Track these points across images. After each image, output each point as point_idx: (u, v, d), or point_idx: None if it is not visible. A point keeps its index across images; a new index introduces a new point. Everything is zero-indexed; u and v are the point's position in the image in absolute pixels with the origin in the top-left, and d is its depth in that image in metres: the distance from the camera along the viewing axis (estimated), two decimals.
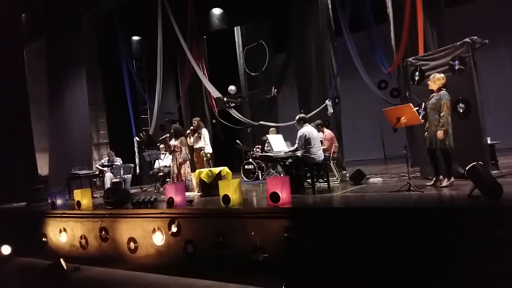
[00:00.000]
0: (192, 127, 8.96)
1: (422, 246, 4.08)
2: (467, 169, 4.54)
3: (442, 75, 5.78)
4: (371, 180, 7.29)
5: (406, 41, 8.22)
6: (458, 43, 6.17)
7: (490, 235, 3.78)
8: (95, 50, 13.62)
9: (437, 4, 8.15)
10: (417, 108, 5.76)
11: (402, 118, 5.58)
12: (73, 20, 11.58)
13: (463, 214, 4.06)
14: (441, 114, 5.53)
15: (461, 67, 6.11)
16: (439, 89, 5.68)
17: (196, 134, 8.84)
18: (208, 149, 8.94)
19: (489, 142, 6.38)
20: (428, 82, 5.87)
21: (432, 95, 5.78)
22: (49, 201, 8.76)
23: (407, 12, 8.05)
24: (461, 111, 6.13)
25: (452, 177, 5.65)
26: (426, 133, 5.84)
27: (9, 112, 11.26)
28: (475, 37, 6.09)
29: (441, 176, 5.78)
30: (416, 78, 6.71)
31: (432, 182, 5.85)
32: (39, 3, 11.79)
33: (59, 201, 8.14)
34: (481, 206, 4.16)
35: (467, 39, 6.07)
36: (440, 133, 5.51)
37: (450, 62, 6.23)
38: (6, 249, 7.94)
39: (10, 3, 11.54)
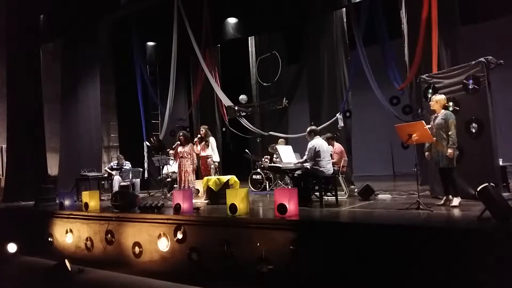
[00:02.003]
0: (199, 135, 8.99)
1: (429, 265, 4.03)
2: (478, 190, 4.49)
3: (443, 96, 5.83)
4: (380, 196, 7.24)
5: (420, 58, 8.20)
6: (473, 62, 6.16)
7: (500, 258, 3.72)
8: (109, 53, 13.78)
9: (452, 22, 8.13)
10: (429, 126, 5.74)
11: (413, 135, 5.55)
12: (90, 23, 11.73)
13: (473, 236, 4.01)
14: (450, 133, 5.54)
15: (475, 86, 6.08)
16: (444, 108, 5.70)
17: (203, 142, 8.86)
18: (216, 158, 8.93)
19: (501, 163, 6.31)
20: (430, 103, 5.90)
21: (435, 116, 5.79)
22: (57, 201, 8.80)
23: (422, 29, 8.05)
24: (473, 131, 6.09)
25: (459, 198, 5.60)
26: (427, 153, 5.84)
27: (23, 110, 11.40)
28: (490, 57, 6.08)
29: (451, 196, 5.72)
30: (429, 95, 6.66)
31: (442, 202, 5.80)
32: (57, 5, 11.99)
33: (67, 202, 8.18)
34: (491, 228, 4.10)
35: (482, 59, 6.05)
36: (451, 152, 5.49)
37: (464, 81, 6.21)
38: (12, 247, 7.98)
39: (29, 4, 11.75)
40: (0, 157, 12.65)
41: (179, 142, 8.57)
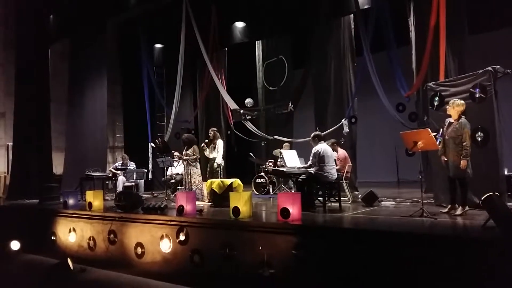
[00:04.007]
0: (207, 140, 9.00)
1: (431, 273, 4.01)
2: (482, 199, 4.47)
3: (462, 101, 5.74)
4: (384, 203, 7.21)
5: (427, 65, 8.18)
6: (480, 71, 6.13)
7: (503, 267, 3.69)
8: (117, 54, 13.86)
9: (460, 31, 8.12)
10: (435, 133, 5.71)
11: (419, 143, 5.53)
12: (99, 24, 11.83)
13: (476, 245, 3.99)
14: (464, 144, 5.45)
15: (482, 95, 6.06)
16: (459, 117, 5.63)
17: (211, 145, 8.88)
18: (218, 160, 8.96)
19: (506, 173, 6.28)
20: (447, 107, 5.83)
21: (448, 121, 5.74)
22: (61, 200, 8.84)
23: (430, 36, 8.03)
24: (479, 139, 6.05)
25: (467, 206, 5.57)
26: (443, 156, 5.76)
27: (30, 109, 11.49)
28: (498, 66, 6.05)
29: (456, 204, 5.69)
30: (435, 103, 6.66)
31: (446, 210, 5.76)
32: (67, 5, 12.10)
33: (71, 201, 8.22)
34: (495, 237, 4.08)
35: (489, 68, 6.03)
36: (464, 163, 5.42)
37: (471, 89, 6.19)
38: (15, 245, 8.01)
39: (39, 4, 11.87)
40: (6, 155, 12.75)
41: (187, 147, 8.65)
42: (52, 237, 8.02)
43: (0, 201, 10.78)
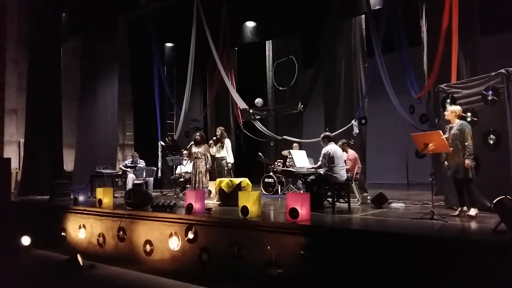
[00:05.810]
0: (214, 137, 9.02)
1: (441, 276, 3.98)
2: (494, 202, 4.43)
3: (459, 107, 5.79)
4: (393, 205, 7.18)
5: (439, 67, 8.11)
6: (493, 73, 6.08)
7: None
8: (127, 53, 13.93)
9: (472, 32, 8.04)
10: (446, 135, 5.67)
11: (430, 145, 5.50)
12: (110, 22, 11.90)
13: (487, 249, 3.95)
14: (467, 144, 5.46)
15: (494, 97, 6.00)
16: (460, 118, 5.65)
17: (219, 144, 8.89)
18: (230, 159, 8.95)
19: None
20: (445, 113, 5.85)
21: (448, 126, 5.76)
22: (71, 196, 8.92)
23: (442, 38, 7.95)
24: (491, 142, 6.00)
25: (477, 209, 5.52)
26: (446, 162, 5.76)
27: (41, 106, 11.60)
28: (511, 69, 5.99)
29: (465, 207, 5.65)
30: (447, 105, 6.60)
31: (456, 213, 5.72)
32: (79, 3, 12.19)
33: (81, 198, 8.28)
34: (506, 242, 4.04)
35: (503, 70, 5.97)
36: (468, 163, 5.41)
37: (484, 91, 6.13)
38: (26, 240, 8.10)
39: (51, 2, 11.97)
40: (18, 151, 12.88)
41: (193, 142, 8.61)
42: (62, 233, 8.11)
43: (11, 197, 10.91)
